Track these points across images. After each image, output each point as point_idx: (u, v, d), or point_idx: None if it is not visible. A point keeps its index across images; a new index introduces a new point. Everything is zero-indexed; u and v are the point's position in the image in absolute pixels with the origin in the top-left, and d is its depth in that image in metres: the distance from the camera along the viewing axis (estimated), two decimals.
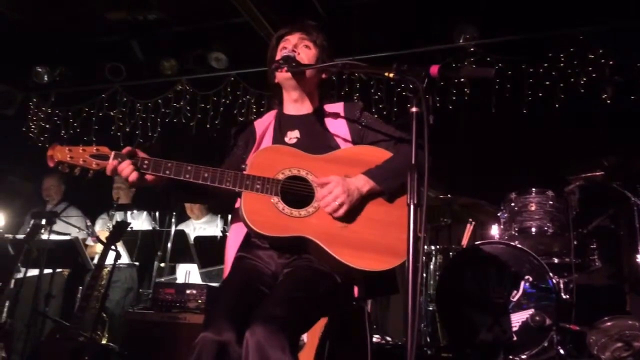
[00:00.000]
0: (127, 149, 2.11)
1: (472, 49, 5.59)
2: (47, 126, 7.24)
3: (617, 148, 4.02)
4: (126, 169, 2.07)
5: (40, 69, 7.05)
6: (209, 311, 2.06)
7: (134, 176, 2.08)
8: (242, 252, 2.22)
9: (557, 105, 5.20)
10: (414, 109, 1.78)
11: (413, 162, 1.75)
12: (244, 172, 2.13)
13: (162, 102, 6.82)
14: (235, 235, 2.26)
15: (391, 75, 1.86)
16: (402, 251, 2.00)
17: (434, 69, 1.80)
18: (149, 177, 2.12)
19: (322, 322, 2.68)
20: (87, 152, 2.06)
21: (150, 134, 6.84)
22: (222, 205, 2.42)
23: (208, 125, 6.56)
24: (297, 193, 2.13)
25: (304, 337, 3.29)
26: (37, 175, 5.82)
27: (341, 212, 2.07)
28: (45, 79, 7.11)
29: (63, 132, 7.09)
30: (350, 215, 2.11)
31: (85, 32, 6.62)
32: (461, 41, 5.64)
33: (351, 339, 2.43)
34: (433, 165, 2.23)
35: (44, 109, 7.28)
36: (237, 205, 2.22)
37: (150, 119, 6.85)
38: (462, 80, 5.63)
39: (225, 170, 2.13)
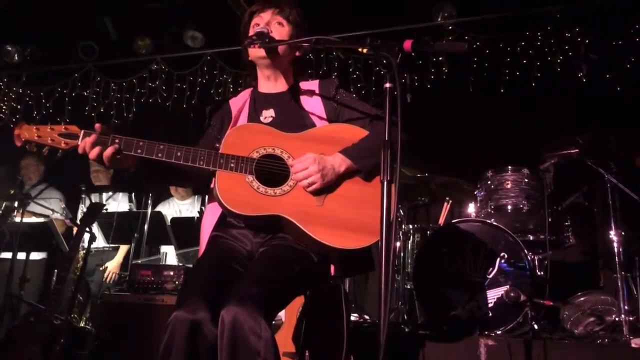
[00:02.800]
0: (98, 125, 2.05)
1: (450, 27, 5.57)
2: (19, 107, 7.06)
3: (592, 126, 4.06)
4: (96, 148, 2.02)
5: (10, 48, 6.85)
6: (183, 290, 2.05)
7: (106, 154, 2.02)
8: (217, 232, 2.20)
9: (533, 84, 5.22)
10: (387, 85, 1.75)
11: (386, 138, 1.73)
12: (219, 151, 2.10)
13: (137, 82, 6.69)
14: (211, 215, 2.24)
15: (364, 50, 1.84)
16: (378, 229, 1.99)
17: (407, 44, 1.79)
18: (121, 156, 2.06)
19: (300, 301, 2.70)
20: (55, 131, 2.01)
21: (125, 114, 6.71)
22: (201, 186, 2.39)
23: (184, 105, 6.46)
24: (272, 172, 2.11)
25: (282, 315, 3.31)
26: (10, 157, 5.67)
27: (314, 187, 2.06)
28: (16, 58, 6.91)
29: (35, 112, 6.92)
30: (326, 193, 2.11)
31: (57, 9, 6.42)
32: (439, 19, 5.61)
33: (328, 318, 2.44)
34: (408, 141, 2.23)
35: (14, 89, 7.09)
36: (212, 184, 2.20)
37: (125, 99, 6.71)
38: (440, 59, 5.63)
39: (198, 149, 2.10)
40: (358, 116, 2.30)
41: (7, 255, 4.61)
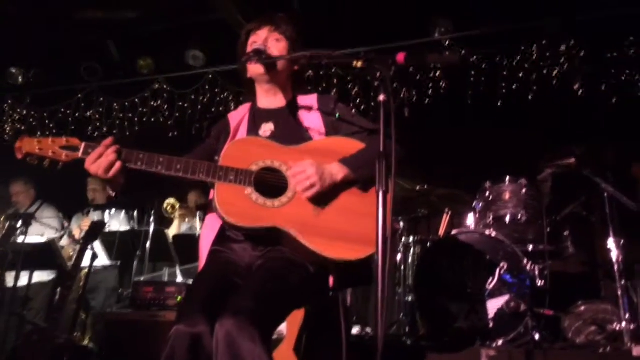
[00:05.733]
0: (108, 140, 2.06)
1: (447, 43, 5.64)
2: (23, 128, 7.15)
3: (588, 137, 4.10)
4: (110, 156, 2.03)
5: (14, 70, 6.97)
6: (183, 304, 2.07)
7: (116, 167, 2.03)
8: (216, 246, 2.22)
9: (530, 97, 5.27)
10: (381, 97, 1.80)
11: (381, 150, 1.76)
12: (218, 164, 2.14)
13: (140, 102, 6.78)
14: (210, 229, 2.26)
15: (359, 64, 1.89)
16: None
17: (401, 57, 1.83)
18: (120, 169, 2.05)
19: (302, 314, 2.71)
20: (56, 144, 2.04)
21: (127, 134, 6.78)
22: None
23: (187, 124, 6.54)
24: (271, 184, 2.13)
25: (284, 329, 3.31)
26: (14, 177, 5.74)
27: (312, 192, 2.07)
28: (20, 80, 7.02)
29: (39, 133, 7.00)
30: (323, 204, 2.13)
31: (60, 32, 6.53)
32: (436, 35, 5.69)
33: (328, 331, 2.45)
34: (405, 154, 2.28)
35: (19, 110, 7.19)
36: (211, 196, 2.23)
37: (128, 119, 6.80)
38: (437, 74, 5.70)
39: (198, 161, 2.12)
40: (356, 130, 2.33)
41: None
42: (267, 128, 2.35)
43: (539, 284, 3.63)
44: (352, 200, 2.16)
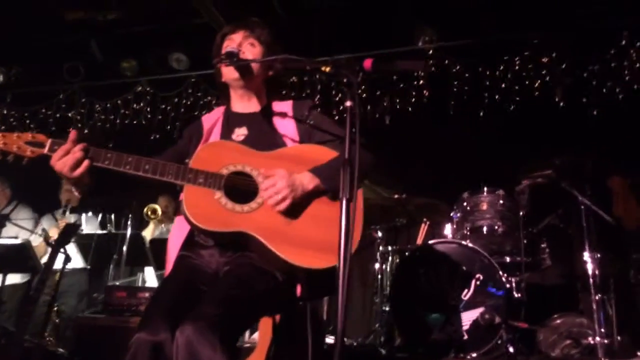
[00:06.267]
0: (73, 132, 2.01)
1: (430, 52, 5.65)
2: (3, 127, 7.03)
3: (568, 149, 4.11)
4: (76, 154, 1.98)
5: None
6: (146, 311, 2.02)
7: (83, 165, 1.98)
8: (184, 252, 2.19)
9: (512, 107, 5.29)
10: (348, 103, 1.78)
11: (346, 156, 1.74)
12: (188, 166, 2.10)
13: (122, 103, 6.71)
14: (178, 233, 2.23)
15: (327, 69, 1.87)
16: None
17: (367, 63, 1.83)
18: (87, 168, 2.01)
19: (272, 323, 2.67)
20: (21, 139, 2.00)
21: (108, 136, 6.71)
22: None
23: (169, 127, 6.48)
24: (241, 189, 2.10)
25: (255, 338, 3.27)
26: None
27: (283, 206, 2.05)
28: (1, 79, 6.92)
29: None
30: (294, 212, 2.10)
31: (42, 31, 6.46)
32: (420, 44, 5.70)
33: (295, 341, 2.41)
34: (374, 161, 2.26)
35: None
36: (180, 198, 2.19)
37: (109, 121, 6.72)
38: (421, 82, 5.70)
39: (167, 163, 2.09)
40: (329, 138, 2.31)
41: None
42: (240, 132, 2.33)
43: (515, 296, 3.62)
44: (323, 208, 2.13)
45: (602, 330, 3.46)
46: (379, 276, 4.24)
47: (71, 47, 6.63)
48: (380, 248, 4.31)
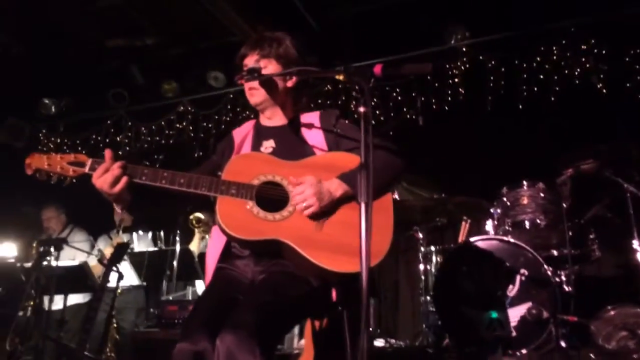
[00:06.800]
0: (108, 151, 2.12)
1: (464, 49, 5.61)
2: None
3: (611, 136, 4.00)
4: (115, 171, 2.07)
5: (47, 101, 7.23)
6: (186, 322, 2.10)
7: (122, 182, 2.08)
8: (221, 263, 2.26)
9: (552, 99, 5.17)
10: (362, 109, 1.81)
11: (363, 161, 1.77)
12: (220, 178, 2.18)
13: (166, 124, 6.94)
14: (215, 245, 2.30)
15: (340, 77, 1.91)
16: (376, 252, 2.04)
17: (378, 68, 1.87)
18: (126, 185, 2.11)
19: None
20: (64, 160, 2.11)
21: (156, 157, 6.94)
22: None
23: (211, 143, 6.65)
24: (272, 198, 2.16)
25: (303, 343, 3.32)
26: (46, 203, 5.93)
27: (311, 210, 2.09)
28: (53, 109, 7.28)
29: None
30: (325, 218, 2.14)
31: (87, 61, 6.76)
32: (452, 42, 5.66)
33: (338, 345, 2.44)
34: (405, 165, 2.28)
35: (52, 139, 7.46)
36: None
37: (155, 142, 6.97)
38: (456, 80, 5.66)
39: (201, 176, 2.17)
40: (357, 145, 2.34)
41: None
42: (268, 145, 2.40)
43: (564, 290, 3.54)
44: (353, 213, 2.15)
45: None
46: (423, 277, 4.23)
47: (114, 74, 6.93)
48: (423, 249, 4.30)
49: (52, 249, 4.74)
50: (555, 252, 3.79)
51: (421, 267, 4.29)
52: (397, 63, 1.93)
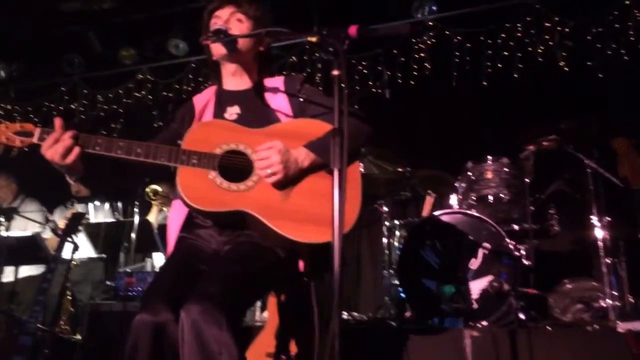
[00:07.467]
0: (58, 120, 2.00)
1: (430, 23, 5.57)
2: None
3: (573, 113, 4.06)
4: (66, 141, 1.96)
5: None
6: (147, 293, 2.03)
7: (74, 152, 1.97)
8: (183, 233, 2.19)
9: (515, 75, 5.20)
10: (335, 72, 1.75)
11: (336, 125, 1.71)
12: (180, 147, 2.09)
13: (123, 93, 6.70)
14: (177, 215, 2.23)
15: (313, 39, 1.84)
16: (345, 223, 1.99)
17: (353, 30, 1.80)
18: (78, 155, 1.99)
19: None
20: (10, 129, 1.99)
21: (112, 126, 6.72)
22: None
23: (170, 113, 6.47)
24: (236, 167, 2.09)
25: (266, 316, 3.28)
26: None
27: (275, 178, 2.03)
28: (2, 74, 6.93)
29: None
30: (291, 187, 2.09)
31: (40, 24, 6.43)
32: (419, 16, 5.62)
33: (301, 317, 2.41)
34: (371, 132, 2.23)
35: (2, 105, 7.11)
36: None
37: (112, 110, 6.72)
38: (422, 55, 5.63)
39: (160, 145, 2.07)
40: (323, 111, 2.28)
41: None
42: (232, 111, 2.31)
43: (524, 263, 3.60)
44: (320, 182, 2.11)
45: (614, 293, 3.44)
46: (387, 251, 4.24)
47: (70, 39, 6.61)
48: (387, 222, 4.30)
49: (1, 219, 4.57)
50: (515, 227, 3.84)
51: (384, 240, 4.30)
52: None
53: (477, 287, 3.44)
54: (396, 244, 4.29)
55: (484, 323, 3.34)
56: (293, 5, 5.46)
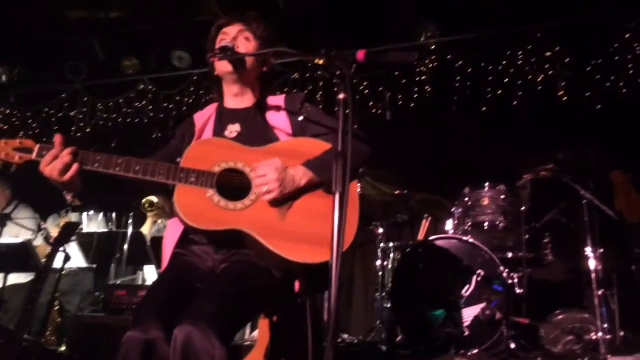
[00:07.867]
0: (57, 136, 1.99)
1: (432, 47, 5.61)
2: (5, 127, 7.05)
3: (570, 143, 4.07)
4: (65, 158, 1.95)
5: None
6: (138, 309, 2.00)
7: (72, 169, 1.96)
8: (178, 249, 2.17)
9: (515, 102, 5.23)
10: (341, 95, 1.75)
11: (339, 149, 1.71)
12: (179, 165, 2.08)
13: (124, 102, 6.71)
14: (173, 231, 2.21)
15: (320, 61, 1.84)
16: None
17: (360, 54, 1.80)
18: (76, 171, 1.99)
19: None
20: (9, 145, 1.99)
21: (111, 135, 6.71)
22: None
23: (171, 125, 6.46)
24: (234, 186, 2.08)
25: (255, 335, 3.24)
26: None
27: (271, 196, 2.02)
28: (3, 78, 6.93)
29: (22, 133, 6.91)
30: (288, 206, 2.07)
31: (44, 30, 6.45)
32: (422, 39, 5.66)
33: (295, 337, 2.39)
34: (372, 154, 2.23)
35: (2, 109, 7.10)
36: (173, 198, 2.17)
37: (112, 119, 6.72)
38: (423, 78, 5.66)
39: (158, 163, 2.07)
40: (322, 130, 2.28)
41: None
42: (233, 129, 2.30)
43: (516, 292, 3.58)
44: (317, 202, 2.10)
45: (605, 325, 3.42)
46: (380, 273, 4.22)
47: (73, 46, 6.63)
48: (382, 244, 4.28)
49: None
50: (509, 254, 3.83)
51: (378, 262, 4.28)
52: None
53: (469, 313, 3.42)
54: (390, 266, 4.26)
55: (475, 351, 3.31)
56: (297, 26, 5.51)
